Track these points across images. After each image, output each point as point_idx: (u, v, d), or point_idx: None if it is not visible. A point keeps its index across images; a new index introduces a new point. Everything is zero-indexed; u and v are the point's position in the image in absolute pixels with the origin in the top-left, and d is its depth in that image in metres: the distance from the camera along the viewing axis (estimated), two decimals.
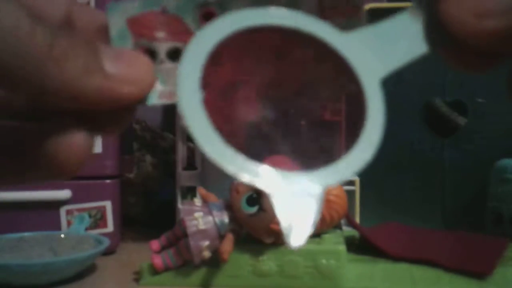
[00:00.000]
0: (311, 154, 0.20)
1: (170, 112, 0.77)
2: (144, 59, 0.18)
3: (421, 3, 0.19)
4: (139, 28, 0.19)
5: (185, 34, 0.19)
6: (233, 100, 0.21)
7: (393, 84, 0.68)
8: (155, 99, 0.18)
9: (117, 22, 0.19)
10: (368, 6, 0.66)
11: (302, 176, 0.17)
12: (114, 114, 0.18)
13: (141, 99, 0.18)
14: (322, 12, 0.20)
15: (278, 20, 0.18)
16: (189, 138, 0.69)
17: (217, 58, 0.19)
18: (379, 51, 0.18)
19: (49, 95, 0.16)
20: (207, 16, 0.20)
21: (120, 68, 0.17)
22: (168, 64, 0.19)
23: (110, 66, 0.17)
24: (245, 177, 0.16)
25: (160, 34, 0.19)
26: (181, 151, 0.67)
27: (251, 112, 0.22)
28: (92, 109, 0.17)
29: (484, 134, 0.67)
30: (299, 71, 0.21)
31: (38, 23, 0.15)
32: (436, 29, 0.18)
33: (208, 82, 0.19)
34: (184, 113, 0.16)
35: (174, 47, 0.19)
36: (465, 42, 0.17)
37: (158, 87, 0.18)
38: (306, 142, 0.22)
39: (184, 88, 0.17)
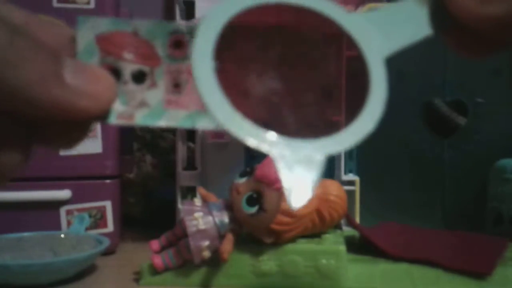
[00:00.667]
0: (316, 125, 0.20)
1: None
2: (107, 76, 0.18)
3: None
4: (108, 45, 0.19)
5: (152, 59, 0.20)
6: (245, 74, 0.21)
7: (393, 84, 0.68)
8: (114, 119, 0.18)
9: (85, 36, 0.19)
10: (368, 6, 0.66)
11: (306, 143, 0.17)
12: (66, 129, 0.18)
13: (99, 116, 0.18)
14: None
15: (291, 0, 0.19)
16: (189, 138, 0.69)
17: (229, 39, 0.19)
18: (385, 31, 0.19)
19: (5, 98, 0.15)
20: (177, 44, 0.20)
21: (80, 81, 0.17)
22: (131, 86, 0.19)
23: (70, 77, 0.16)
24: (252, 142, 0.17)
25: (128, 55, 0.19)
26: (181, 151, 0.67)
27: (262, 85, 0.22)
28: (44, 119, 0.17)
29: (484, 134, 0.67)
30: (307, 50, 0.21)
31: None
32: (441, 14, 0.19)
33: (222, 59, 0.19)
34: (197, 81, 0.17)
35: (139, 70, 0.19)
36: (468, 27, 0.18)
37: (119, 107, 0.18)
38: (312, 114, 0.23)
39: (198, 57, 0.17)
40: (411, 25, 0.19)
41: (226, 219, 0.47)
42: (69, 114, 0.17)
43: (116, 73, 0.19)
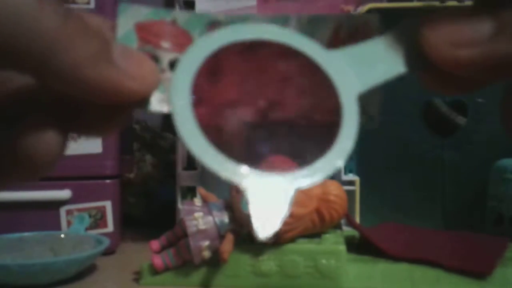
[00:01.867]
0: (295, 157, 0.21)
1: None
2: (151, 62, 0.18)
3: (403, 28, 0.20)
4: (146, 34, 0.19)
5: None
6: (227, 117, 0.22)
7: (393, 84, 0.68)
8: (154, 105, 0.19)
9: (125, 24, 0.19)
10: (368, 6, 0.66)
11: (277, 176, 0.18)
12: (106, 114, 0.18)
13: (142, 101, 0.18)
14: (337, 40, 0.20)
15: (270, 36, 0.19)
16: None
17: (214, 74, 0.20)
18: (359, 68, 0.19)
19: (55, 76, 0.16)
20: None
21: (128, 63, 0.17)
22: (169, 74, 0.19)
23: (118, 59, 0.17)
24: (225, 174, 0.17)
25: (166, 44, 0.20)
26: (181, 151, 0.67)
27: (242, 128, 0.22)
28: (88, 102, 0.17)
29: (484, 134, 0.67)
30: (284, 85, 0.22)
31: (50, 2, 0.15)
32: (416, 53, 0.19)
33: (204, 97, 0.20)
34: (174, 115, 0.17)
35: (177, 58, 0.19)
36: (443, 69, 0.18)
37: (157, 94, 0.19)
38: (288, 146, 0.23)
39: (176, 93, 0.18)
40: (385, 63, 0.20)
41: (226, 219, 0.47)
42: (116, 96, 0.17)
43: (154, 61, 0.19)
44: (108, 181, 0.61)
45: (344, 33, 0.21)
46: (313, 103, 0.22)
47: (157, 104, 0.18)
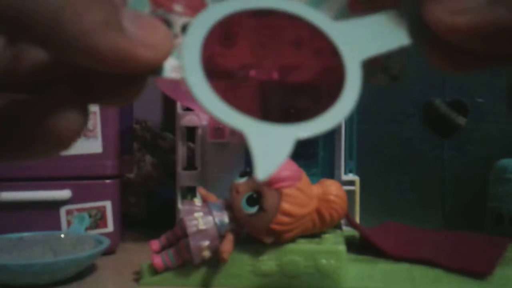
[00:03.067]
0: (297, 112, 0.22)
1: (170, 112, 0.77)
2: (164, 27, 0.18)
3: (406, 1, 0.20)
4: None
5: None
6: (239, 77, 0.22)
7: (393, 84, 0.68)
8: (168, 72, 0.18)
9: None
10: None
11: (279, 126, 0.19)
12: (122, 83, 0.18)
13: (155, 69, 0.18)
14: (356, 4, 0.21)
15: (279, 5, 0.20)
16: (189, 138, 0.69)
17: (227, 38, 0.20)
18: (363, 38, 0.20)
19: (64, 46, 0.15)
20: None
21: (139, 31, 0.17)
22: (182, 39, 0.19)
23: (129, 27, 0.16)
24: (228, 121, 0.18)
25: (179, 8, 0.19)
26: (181, 151, 0.67)
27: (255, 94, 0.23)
28: (102, 72, 0.17)
29: (484, 134, 0.67)
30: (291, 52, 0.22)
31: None
32: (420, 25, 0.20)
33: (217, 60, 0.20)
34: (184, 70, 0.18)
35: (190, 22, 0.19)
36: (443, 39, 0.19)
37: (171, 61, 0.18)
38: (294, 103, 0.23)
39: (188, 52, 0.18)
40: (389, 34, 0.20)
41: (226, 219, 0.47)
42: (128, 65, 0.16)
43: (167, 25, 0.19)
44: (108, 181, 0.61)
45: None
46: (322, 66, 0.22)
47: (171, 70, 0.18)
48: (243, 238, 0.49)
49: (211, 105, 0.18)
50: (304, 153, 0.60)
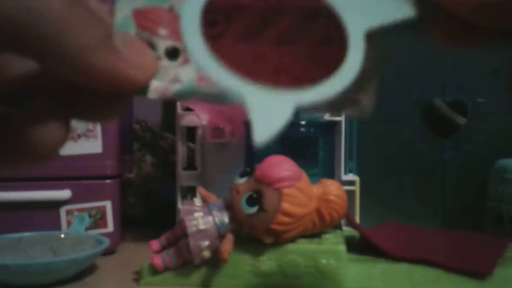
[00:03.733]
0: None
1: (170, 112, 0.77)
2: (150, 50, 0.19)
3: None
4: (144, 21, 0.20)
5: None
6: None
7: (393, 84, 0.68)
8: (151, 93, 0.19)
9: (123, 10, 0.20)
10: None
11: (280, 93, 0.19)
12: (108, 101, 0.18)
13: (141, 90, 0.19)
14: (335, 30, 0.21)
15: None
16: (189, 138, 0.69)
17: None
18: (368, 9, 0.20)
19: (60, 61, 0.16)
20: (212, 23, 0.21)
21: (130, 52, 0.17)
22: (165, 62, 0.20)
23: (121, 47, 0.17)
24: (228, 85, 0.18)
25: (163, 31, 0.20)
26: (181, 151, 0.67)
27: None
28: (91, 89, 0.17)
29: (484, 134, 0.67)
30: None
31: None
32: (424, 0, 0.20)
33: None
34: (184, 36, 0.19)
35: (173, 46, 0.20)
36: (449, 11, 0.19)
37: (154, 82, 0.19)
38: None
39: (187, 16, 0.19)
40: (395, 5, 0.21)
41: (226, 219, 0.47)
42: (119, 84, 0.17)
43: (151, 48, 0.20)
44: (108, 181, 0.61)
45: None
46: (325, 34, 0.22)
47: (154, 91, 0.19)
48: (243, 238, 0.49)
49: (211, 68, 0.18)
50: (304, 153, 0.60)
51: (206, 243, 0.46)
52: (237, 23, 0.21)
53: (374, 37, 0.21)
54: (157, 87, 0.19)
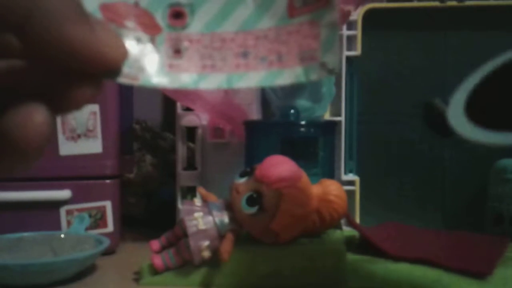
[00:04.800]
0: None
1: (170, 112, 0.77)
2: (120, 36, 0.19)
3: None
4: (111, 14, 0.21)
5: (153, 28, 0.22)
6: None
7: (393, 84, 0.68)
8: (121, 78, 0.20)
9: (90, 4, 0.20)
10: (367, 6, 0.66)
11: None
12: (78, 88, 0.18)
13: (115, 71, 0.19)
14: (294, 10, 0.22)
15: None
16: (189, 138, 0.69)
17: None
18: None
19: (38, 33, 0.16)
20: (177, 14, 0.22)
21: (105, 33, 0.18)
22: (133, 51, 0.21)
23: (97, 27, 0.17)
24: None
25: (130, 24, 0.21)
26: (181, 151, 0.67)
27: None
28: (68, 68, 0.17)
29: None
30: None
31: None
32: None
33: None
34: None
35: (140, 36, 0.21)
36: None
37: (124, 69, 0.20)
38: None
39: None
40: None
41: (226, 219, 0.47)
42: (96, 60, 0.17)
43: None
44: (108, 181, 0.61)
45: (299, 1, 0.22)
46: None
47: (123, 76, 0.20)
48: (243, 238, 0.49)
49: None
50: (304, 153, 0.60)
51: (206, 243, 0.46)
52: (201, 14, 0.22)
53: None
54: (127, 73, 0.20)
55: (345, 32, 0.66)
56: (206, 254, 0.46)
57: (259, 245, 0.48)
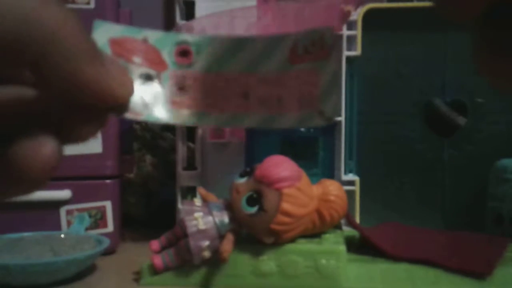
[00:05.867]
0: None
1: None
2: (128, 72, 0.20)
3: None
4: (119, 49, 0.21)
5: (159, 64, 0.22)
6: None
7: (393, 84, 0.68)
8: (128, 113, 0.21)
9: (100, 39, 0.21)
10: (367, 6, 0.66)
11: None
12: (86, 122, 0.19)
13: (123, 107, 0.20)
14: (296, 58, 0.23)
15: None
16: (189, 138, 0.69)
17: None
18: None
19: (54, 69, 0.16)
20: (183, 53, 0.23)
21: (115, 70, 0.18)
22: (139, 87, 0.21)
23: (108, 64, 0.18)
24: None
25: (137, 59, 0.21)
26: (181, 151, 0.67)
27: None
28: (78, 103, 0.17)
29: (484, 134, 0.67)
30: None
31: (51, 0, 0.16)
32: None
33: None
34: None
35: (146, 72, 0.21)
36: None
37: (130, 103, 0.21)
38: None
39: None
40: None
41: (226, 219, 0.47)
42: (104, 95, 0.18)
43: None
44: (108, 181, 0.61)
45: (301, 48, 0.22)
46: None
47: (130, 112, 0.21)
48: (243, 238, 0.49)
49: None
50: (304, 153, 0.60)
51: (206, 243, 0.46)
52: (207, 53, 0.23)
53: (334, 50, 0.22)
54: (131, 108, 0.21)
55: (345, 32, 0.66)
56: (206, 254, 0.46)
57: (259, 245, 0.48)
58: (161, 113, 0.21)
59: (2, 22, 0.15)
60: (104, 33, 0.21)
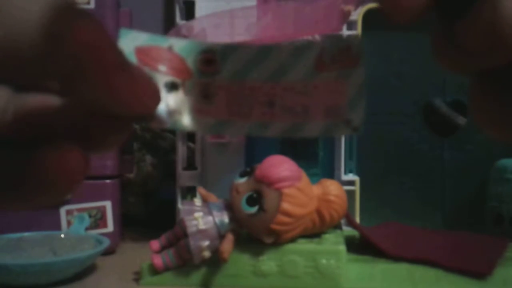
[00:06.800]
0: None
1: None
2: (155, 82, 0.20)
3: None
4: (145, 57, 0.21)
5: (184, 73, 0.22)
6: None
7: (393, 84, 0.68)
8: (153, 122, 0.21)
9: (126, 47, 0.21)
10: (367, 6, 0.66)
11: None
12: (112, 131, 0.19)
13: (149, 116, 0.20)
14: (323, 66, 0.22)
15: None
16: (189, 138, 0.69)
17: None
18: None
19: (86, 81, 0.16)
20: (208, 61, 0.23)
21: (143, 79, 0.18)
22: (165, 95, 0.21)
23: (134, 72, 0.18)
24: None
25: (162, 68, 0.21)
26: (181, 151, 0.67)
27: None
28: (107, 110, 0.17)
29: (484, 134, 0.67)
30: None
31: (81, 11, 0.16)
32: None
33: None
34: None
35: (172, 81, 0.22)
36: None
37: (156, 112, 0.21)
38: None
39: None
40: None
41: (226, 219, 0.47)
42: (133, 105, 0.17)
43: None
44: (108, 181, 0.61)
45: (328, 57, 0.22)
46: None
47: (156, 122, 0.21)
48: (243, 238, 0.49)
49: None
50: (304, 153, 0.60)
51: (206, 243, 0.46)
52: (232, 62, 0.23)
53: (362, 59, 0.22)
54: (157, 116, 0.21)
55: (345, 32, 0.66)
56: (206, 254, 0.46)
57: (259, 245, 0.48)
58: (186, 121, 0.21)
59: (38, 37, 0.15)
60: (130, 42, 0.21)
